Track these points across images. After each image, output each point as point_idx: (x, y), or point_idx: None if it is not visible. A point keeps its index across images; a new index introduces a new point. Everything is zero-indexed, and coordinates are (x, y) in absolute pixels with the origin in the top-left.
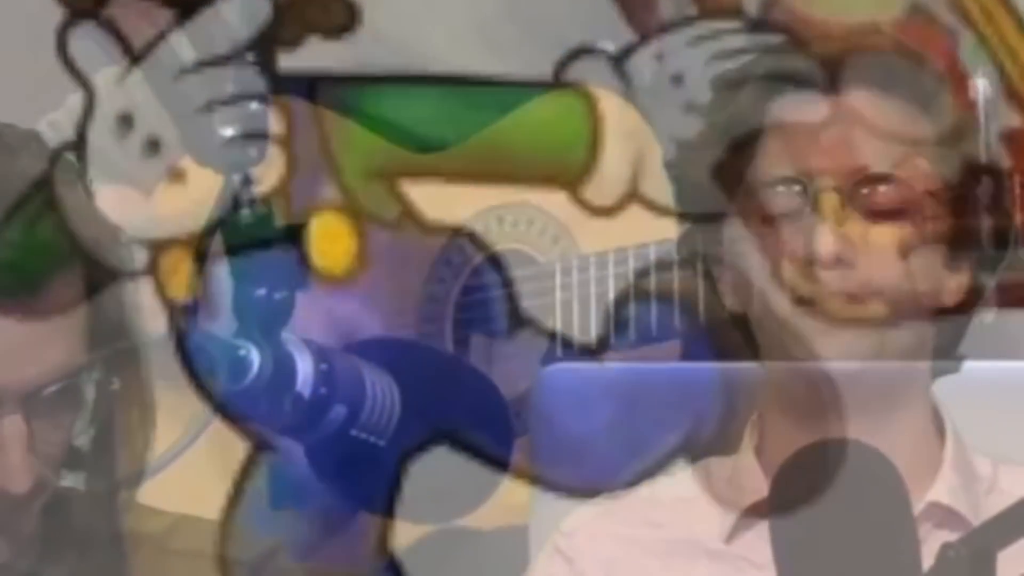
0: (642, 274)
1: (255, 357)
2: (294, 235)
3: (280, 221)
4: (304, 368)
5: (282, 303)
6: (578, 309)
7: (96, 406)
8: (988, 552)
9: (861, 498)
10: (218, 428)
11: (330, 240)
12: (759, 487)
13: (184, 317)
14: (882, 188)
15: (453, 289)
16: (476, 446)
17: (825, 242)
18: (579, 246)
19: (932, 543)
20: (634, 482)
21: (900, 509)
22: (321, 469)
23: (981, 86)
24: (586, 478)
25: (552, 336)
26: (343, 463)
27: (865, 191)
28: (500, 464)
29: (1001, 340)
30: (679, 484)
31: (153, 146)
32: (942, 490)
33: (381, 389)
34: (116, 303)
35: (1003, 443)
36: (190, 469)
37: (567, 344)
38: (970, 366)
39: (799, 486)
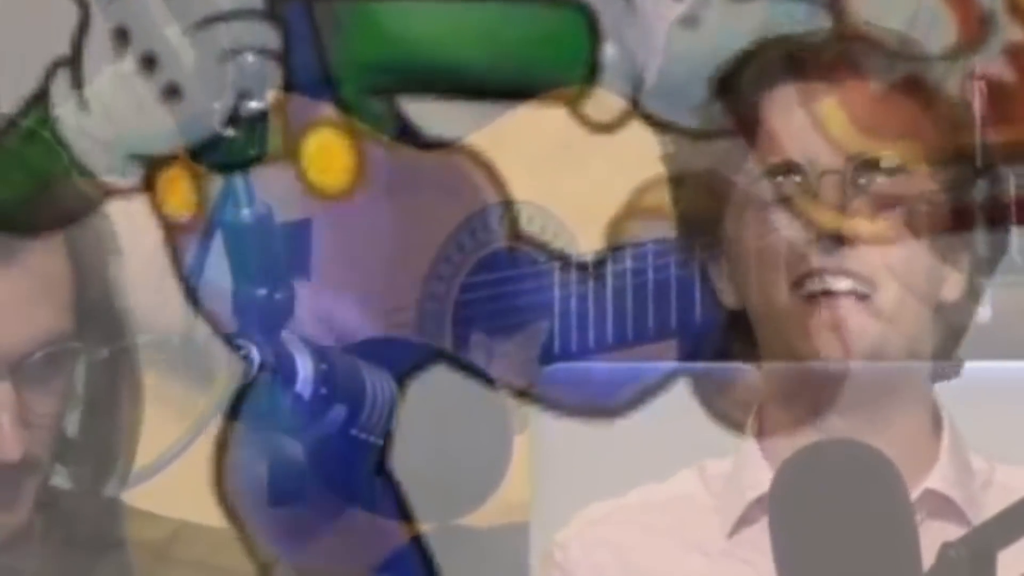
0: (640, 272)
1: (255, 357)
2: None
3: (280, 216)
4: (304, 368)
5: (282, 303)
6: (576, 307)
7: (86, 378)
8: (988, 552)
9: (861, 497)
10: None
11: (327, 157)
12: (763, 479)
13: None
14: (882, 173)
15: (453, 287)
16: (470, 367)
17: (828, 222)
18: (578, 244)
19: (927, 532)
20: (635, 402)
21: (900, 508)
22: (321, 469)
23: (977, 88)
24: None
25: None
26: (343, 463)
27: (865, 177)
28: (490, 382)
29: (1001, 340)
30: (675, 484)
31: (149, 62)
32: (937, 478)
33: (381, 389)
34: (101, 276)
35: (1003, 443)
36: (189, 472)
37: (565, 342)
38: (970, 366)
39: (799, 486)
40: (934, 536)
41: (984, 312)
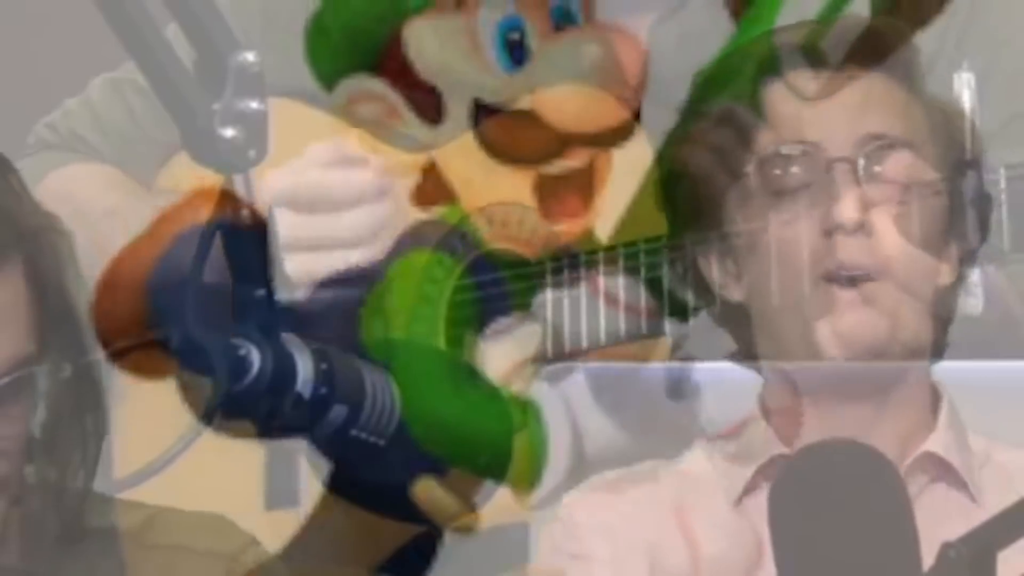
0: (632, 270)
1: (255, 357)
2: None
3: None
4: (304, 368)
5: (282, 303)
6: (568, 307)
7: (49, 395)
8: (988, 552)
9: (862, 497)
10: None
11: None
12: (769, 448)
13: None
14: (893, 157)
15: (445, 288)
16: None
17: (847, 207)
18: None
19: (928, 498)
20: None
21: (900, 509)
22: (321, 469)
23: (966, 80)
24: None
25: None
26: (343, 463)
27: (876, 161)
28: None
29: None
30: (683, 461)
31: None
32: (936, 442)
33: (381, 389)
34: (61, 294)
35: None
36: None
37: (559, 343)
38: (968, 366)
39: (800, 487)
40: (937, 502)
41: (975, 304)
